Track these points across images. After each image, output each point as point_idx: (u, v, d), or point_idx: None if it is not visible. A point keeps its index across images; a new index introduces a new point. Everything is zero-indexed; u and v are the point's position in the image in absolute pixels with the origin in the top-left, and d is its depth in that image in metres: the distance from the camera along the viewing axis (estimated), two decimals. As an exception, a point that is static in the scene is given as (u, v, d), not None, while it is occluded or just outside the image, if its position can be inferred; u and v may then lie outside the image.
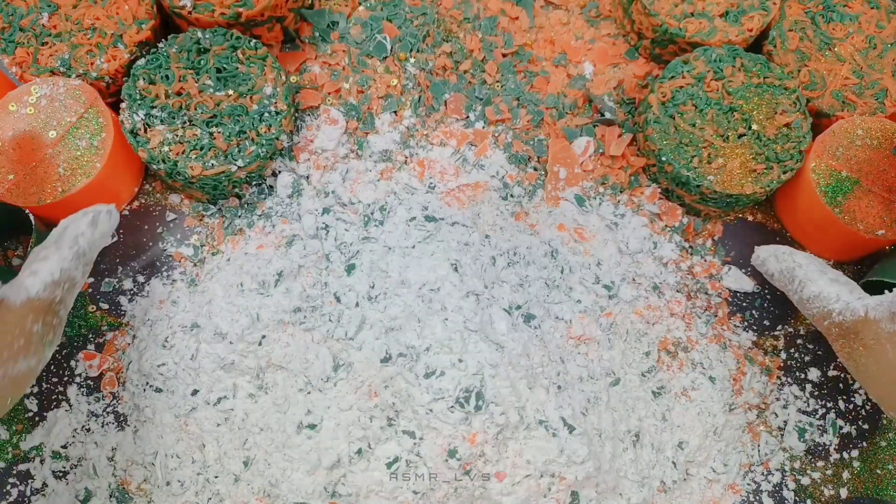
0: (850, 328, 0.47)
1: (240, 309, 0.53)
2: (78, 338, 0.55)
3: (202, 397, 0.52)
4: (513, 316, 0.53)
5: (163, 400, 0.53)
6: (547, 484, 0.50)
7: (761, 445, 0.57)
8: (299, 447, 0.50)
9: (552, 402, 0.51)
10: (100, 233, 0.49)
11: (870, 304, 0.46)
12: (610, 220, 0.59)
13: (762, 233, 0.61)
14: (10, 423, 0.54)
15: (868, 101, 0.58)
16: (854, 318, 0.47)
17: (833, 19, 0.60)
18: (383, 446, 0.50)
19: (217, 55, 0.55)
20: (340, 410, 0.50)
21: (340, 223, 0.56)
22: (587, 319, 0.55)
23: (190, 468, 0.52)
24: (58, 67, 0.54)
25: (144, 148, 0.53)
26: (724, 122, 0.57)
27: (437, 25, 0.63)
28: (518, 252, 0.56)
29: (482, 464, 0.50)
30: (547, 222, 0.59)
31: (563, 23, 0.65)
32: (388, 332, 0.51)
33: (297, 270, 0.54)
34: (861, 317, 0.46)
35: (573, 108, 0.62)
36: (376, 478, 0.49)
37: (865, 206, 0.55)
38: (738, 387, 0.57)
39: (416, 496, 0.49)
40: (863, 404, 0.58)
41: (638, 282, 0.58)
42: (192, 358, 0.53)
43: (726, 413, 0.56)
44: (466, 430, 0.49)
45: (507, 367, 0.50)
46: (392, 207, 0.57)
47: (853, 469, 0.57)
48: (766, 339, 0.59)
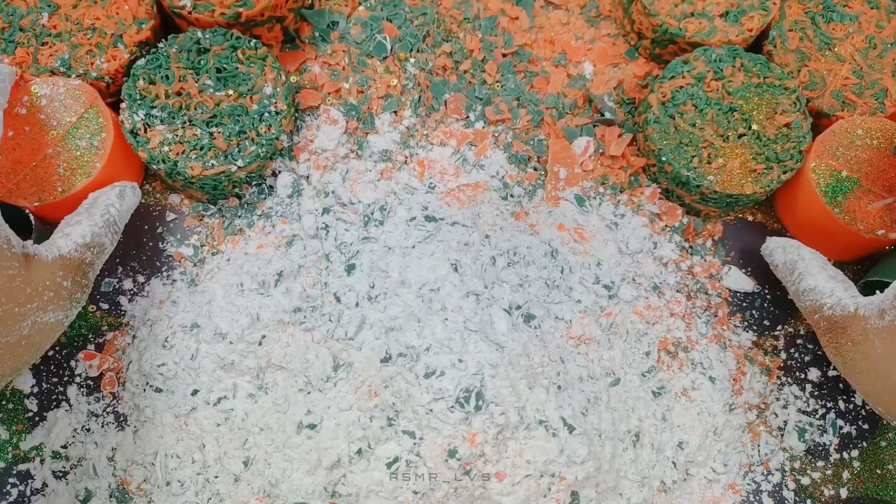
0: (838, 322, 0.48)
1: (240, 309, 0.53)
2: (78, 338, 0.55)
3: (202, 397, 0.52)
4: (513, 316, 0.53)
5: (163, 400, 0.53)
6: (547, 484, 0.50)
7: (761, 445, 0.57)
8: (299, 447, 0.50)
9: (552, 402, 0.51)
10: (126, 206, 0.52)
11: (860, 302, 0.47)
12: (610, 220, 0.59)
13: (762, 233, 0.61)
14: (10, 423, 0.54)
15: (868, 101, 0.58)
16: (843, 314, 0.47)
17: (833, 19, 0.60)
18: (383, 446, 0.50)
19: (217, 55, 0.55)
20: (340, 410, 0.50)
21: (340, 223, 0.56)
22: (587, 319, 0.55)
23: (190, 468, 0.52)
24: (58, 67, 0.54)
25: (144, 148, 0.53)
26: (724, 122, 0.57)
27: (437, 25, 0.63)
28: (518, 252, 0.56)
29: (482, 464, 0.50)
30: (547, 222, 0.59)
31: (563, 23, 0.65)
32: (388, 332, 0.51)
33: (297, 270, 0.54)
34: (850, 312, 0.47)
35: (573, 108, 0.62)
36: (376, 478, 0.49)
37: (865, 206, 0.55)
38: (738, 387, 0.57)
39: (416, 496, 0.49)
40: (863, 404, 0.58)
41: (638, 282, 0.58)
42: (192, 358, 0.53)
43: (726, 413, 0.56)
44: (466, 430, 0.49)
45: (507, 367, 0.50)
46: (392, 207, 0.57)
47: (853, 469, 0.57)
48: (766, 339, 0.59)
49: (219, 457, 0.52)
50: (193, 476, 0.52)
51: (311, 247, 0.55)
